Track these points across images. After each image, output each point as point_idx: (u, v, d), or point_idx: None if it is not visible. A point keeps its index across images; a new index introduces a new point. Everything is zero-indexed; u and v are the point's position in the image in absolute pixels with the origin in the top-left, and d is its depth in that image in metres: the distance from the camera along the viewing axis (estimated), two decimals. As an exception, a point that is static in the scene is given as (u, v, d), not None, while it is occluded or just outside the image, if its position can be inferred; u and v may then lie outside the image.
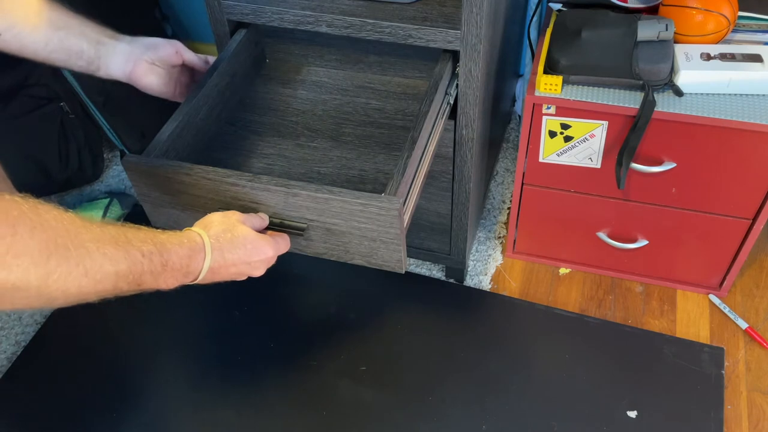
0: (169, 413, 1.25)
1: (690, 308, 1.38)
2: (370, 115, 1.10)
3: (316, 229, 0.86)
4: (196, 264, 0.76)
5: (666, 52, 1.10)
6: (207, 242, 0.77)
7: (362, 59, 1.18)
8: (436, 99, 0.97)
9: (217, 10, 1.12)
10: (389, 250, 0.86)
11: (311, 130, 1.09)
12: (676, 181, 1.20)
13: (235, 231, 0.80)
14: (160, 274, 0.71)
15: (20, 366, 1.33)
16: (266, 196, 0.84)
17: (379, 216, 0.81)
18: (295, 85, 1.17)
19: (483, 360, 1.29)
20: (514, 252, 1.47)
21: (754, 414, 1.21)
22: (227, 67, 1.06)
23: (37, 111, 1.52)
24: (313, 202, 0.82)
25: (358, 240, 0.86)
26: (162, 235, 0.73)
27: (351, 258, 0.89)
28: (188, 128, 0.98)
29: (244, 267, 0.81)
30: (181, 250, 0.73)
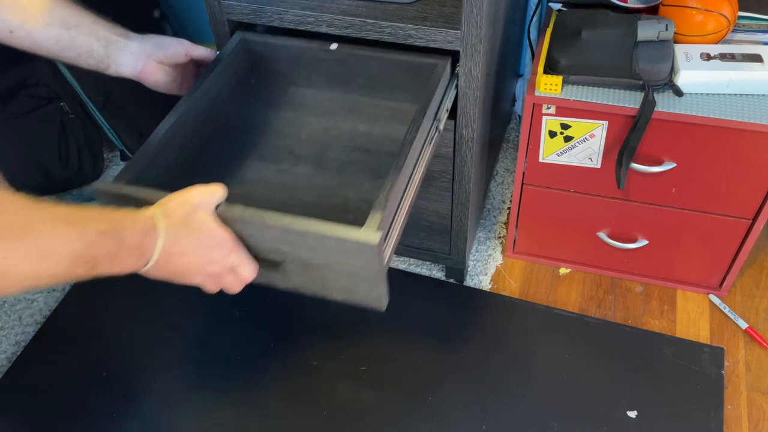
0: (169, 413, 1.25)
1: (690, 308, 1.38)
2: (357, 139, 1.06)
3: (292, 262, 0.81)
4: (149, 244, 0.71)
5: (666, 52, 1.10)
6: (160, 222, 0.73)
7: (350, 81, 1.11)
8: (423, 125, 0.93)
9: (217, 10, 1.12)
10: (369, 286, 0.80)
11: (294, 155, 1.04)
12: (676, 181, 1.20)
13: (193, 215, 0.75)
14: (116, 255, 0.68)
15: (20, 366, 1.33)
16: (240, 227, 0.79)
17: (357, 252, 0.75)
18: (280, 106, 1.13)
19: (483, 360, 1.29)
20: (514, 252, 1.47)
21: (754, 414, 1.21)
22: (209, 88, 1.02)
23: (37, 111, 1.52)
24: (288, 235, 0.77)
25: (336, 275, 0.80)
26: (116, 213, 0.70)
27: (329, 293, 0.84)
28: (164, 152, 0.93)
29: (199, 257, 0.75)
30: (135, 227, 0.70)
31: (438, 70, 1.01)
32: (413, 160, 0.90)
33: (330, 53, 1.08)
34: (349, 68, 1.10)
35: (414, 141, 0.89)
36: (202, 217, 0.75)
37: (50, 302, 1.44)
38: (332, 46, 1.08)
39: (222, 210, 0.78)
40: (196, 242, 0.75)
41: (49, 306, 1.43)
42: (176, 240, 0.73)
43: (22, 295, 1.46)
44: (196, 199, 0.76)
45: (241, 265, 0.79)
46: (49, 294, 1.46)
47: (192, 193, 0.77)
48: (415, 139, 0.89)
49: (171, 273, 0.76)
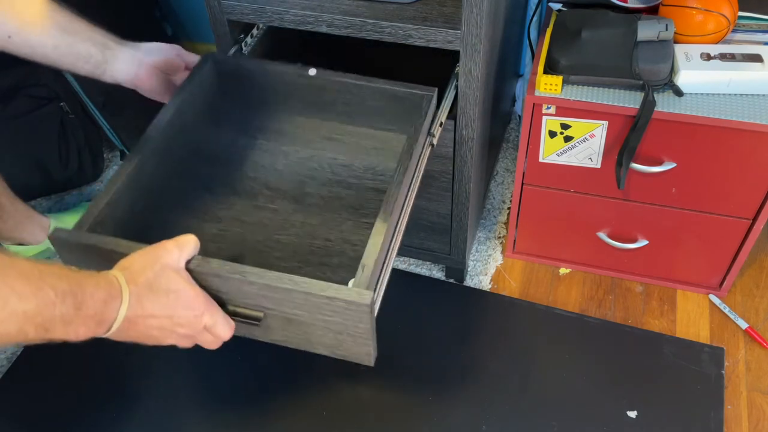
0: (169, 413, 1.25)
1: (690, 308, 1.38)
2: (337, 172, 1.00)
3: (275, 318, 0.76)
4: (111, 311, 0.66)
5: (666, 52, 1.10)
6: (124, 286, 0.67)
7: (329, 108, 1.04)
8: (411, 164, 0.87)
9: (217, 10, 1.12)
10: (357, 343, 0.76)
11: (271, 189, 0.98)
12: (676, 181, 1.20)
13: (161, 276, 0.69)
14: (72, 321, 0.63)
15: (20, 366, 1.33)
16: (217, 282, 0.73)
17: (346, 311, 0.71)
18: (252, 132, 1.05)
19: (483, 360, 1.29)
20: (514, 252, 1.47)
21: (754, 414, 1.21)
22: (175, 116, 0.95)
23: (37, 111, 1.52)
24: (271, 292, 0.72)
25: (322, 331, 0.76)
26: (77, 274, 0.64)
27: (314, 348, 0.80)
28: (130, 190, 0.87)
29: (166, 321, 0.70)
30: (96, 293, 0.64)
31: (424, 101, 0.95)
32: (400, 204, 0.86)
33: (309, 78, 1.03)
34: (329, 94, 1.03)
35: (401, 185, 0.84)
36: (170, 278, 0.70)
37: (50, 302, 1.44)
38: (311, 71, 1.02)
39: (196, 264, 0.73)
40: (164, 305, 0.69)
41: (49, 306, 1.43)
42: (141, 305, 0.68)
43: (22, 295, 1.46)
44: (164, 257, 0.70)
45: (215, 325, 0.75)
46: (49, 294, 1.46)
47: (159, 251, 0.71)
48: (402, 182, 0.84)
49: (137, 337, 0.72)
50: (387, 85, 1.00)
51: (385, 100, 1.01)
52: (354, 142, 1.05)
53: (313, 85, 1.03)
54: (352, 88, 1.02)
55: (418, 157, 0.93)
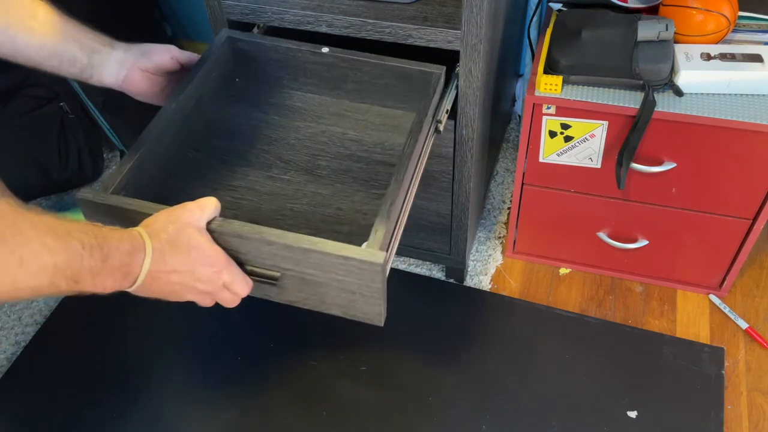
0: (169, 413, 1.25)
1: (690, 308, 1.38)
2: (347, 147, 1.03)
3: (291, 278, 0.80)
4: (135, 264, 0.69)
5: (666, 52, 1.10)
6: (147, 241, 0.71)
7: (339, 85, 1.08)
8: (420, 136, 0.91)
9: (217, 10, 1.12)
10: (368, 303, 0.79)
11: (284, 161, 1.02)
12: (676, 181, 1.20)
13: (182, 233, 0.73)
14: (99, 272, 0.66)
15: (20, 366, 1.33)
16: (238, 242, 0.77)
17: (360, 270, 0.75)
18: (267, 108, 1.10)
19: (483, 360, 1.29)
20: (514, 252, 1.47)
21: (754, 414, 1.21)
22: (191, 92, 0.99)
23: (37, 111, 1.52)
24: (289, 252, 0.75)
25: (336, 291, 0.79)
26: (103, 229, 0.68)
27: (327, 308, 0.83)
28: (150, 158, 0.91)
29: (187, 277, 0.73)
30: (121, 246, 0.68)
31: (433, 78, 0.99)
32: (411, 172, 0.89)
33: (321, 56, 1.06)
34: (340, 72, 1.07)
35: (412, 154, 0.88)
36: (191, 235, 0.73)
37: (50, 302, 1.44)
38: (323, 48, 1.06)
39: (217, 225, 0.76)
40: (185, 261, 0.73)
41: (49, 306, 1.43)
42: (163, 259, 0.71)
43: (22, 295, 1.46)
44: (185, 216, 0.74)
45: (234, 282, 0.78)
46: (49, 294, 1.46)
47: (181, 211, 0.75)
48: (413, 153, 0.88)
49: (160, 292, 0.75)
50: (396, 63, 1.03)
51: (394, 78, 1.04)
52: (364, 119, 1.08)
53: (325, 63, 1.07)
54: (363, 66, 1.05)
55: (426, 133, 0.96)
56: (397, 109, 1.09)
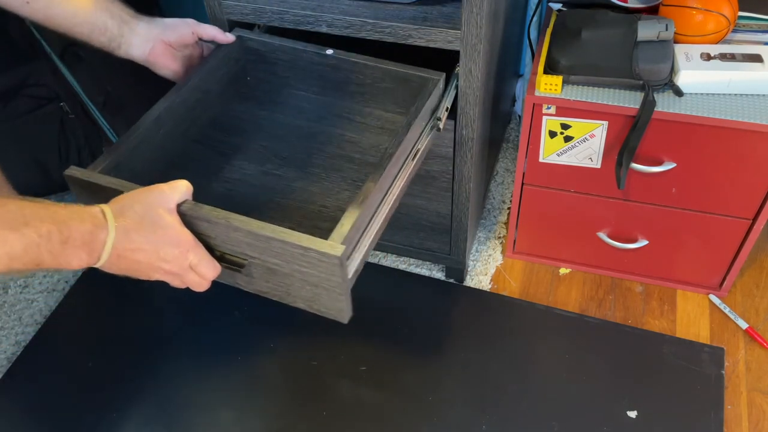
0: (169, 413, 1.25)
1: (690, 308, 1.38)
2: (344, 147, 1.05)
3: (258, 267, 0.80)
4: (98, 242, 0.71)
5: (666, 52, 1.10)
6: (110, 219, 0.72)
7: (344, 88, 1.11)
8: (407, 139, 0.91)
9: (217, 10, 1.12)
10: (331, 298, 0.80)
11: (280, 157, 1.04)
12: (676, 181, 1.20)
13: (150, 212, 0.74)
14: (60, 254, 0.68)
15: (20, 366, 1.33)
16: (206, 227, 0.78)
17: (320, 263, 0.75)
18: (272, 107, 1.12)
19: (483, 360, 1.29)
20: (514, 252, 1.47)
21: (754, 414, 1.21)
22: (200, 83, 1.02)
23: (37, 111, 1.52)
24: (254, 239, 0.77)
25: (300, 284, 0.80)
26: (63, 211, 0.69)
27: (293, 301, 0.84)
28: (146, 143, 0.93)
29: (153, 256, 0.74)
30: (82, 227, 0.69)
31: (430, 85, 1.00)
32: (391, 175, 0.89)
33: (325, 57, 1.08)
34: (344, 75, 1.09)
35: (393, 157, 0.87)
36: (159, 215, 0.74)
37: (50, 302, 1.44)
38: (328, 51, 1.07)
39: (187, 208, 0.77)
40: (151, 240, 0.73)
41: (49, 306, 1.43)
42: (128, 237, 0.72)
43: (22, 295, 1.46)
44: (155, 196, 0.75)
45: (200, 265, 0.78)
46: (49, 294, 1.46)
47: (151, 191, 0.76)
48: (394, 155, 0.88)
49: (127, 270, 0.76)
50: (397, 67, 1.04)
51: (395, 83, 1.05)
52: (364, 121, 1.09)
53: (330, 65, 1.08)
54: (365, 69, 1.06)
55: (417, 135, 0.97)
56: (397, 113, 1.09)
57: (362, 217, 0.81)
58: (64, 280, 1.48)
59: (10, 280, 1.49)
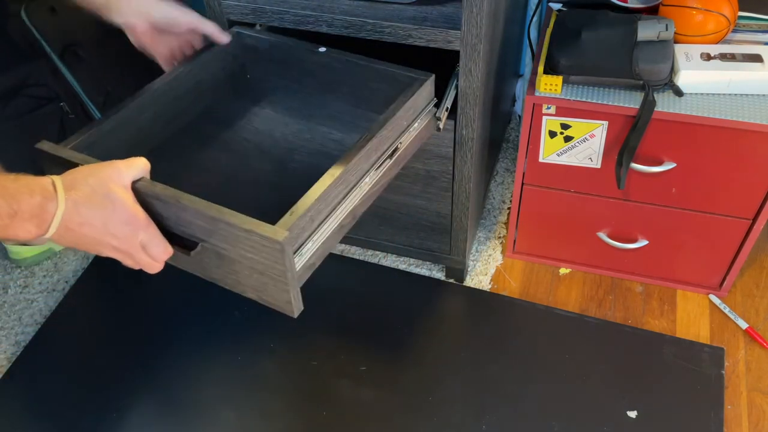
0: (169, 413, 1.25)
1: (690, 308, 1.38)
2: (327, 145, 1.05)
3: (207, 251, 0.79)
4: (47, 214, 0.70)
5: (666, 52, 1.10)
6: (60, 191, 0.71)
7: (337, 89, 1.10)
8: (381, 135, 0.90)
9: (217, 10, 1.12)
10: (278, 288, 0.78)
11: (261, 151, 1.04)
12: (676, 181, 1.20)
13: (102, 187, 0.73)
14: (8, 226, 0.68)
15: (20, 366, 1.33)
16: (159, 206, 0.77)
17: (263, 248, 0.74)
18: (265, 104, 1.13)
19: (483, 360, 1.29)
20: (514, 252, 1.47)
21: (754, 414, 1.21)
22: (191, 74, 1.03)
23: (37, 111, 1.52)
24: (201, 220, 0.76)
25: (248, 271, 0.79)
26: (12, 185, 0.69)
27: (243, 290, 0.82)
28: (125, 126, 0.93)
29: (101, 231, 0.73)
30: (32, 200, 0.69)
31: (416, 85, 0.98)
32: (360, 170, 0.88)
33: (318, 55, 1.07)
34: (337, 74, 1.09)
35: (362, 150, 0.86)
36: (111, 190, 0.73)
37: (50, 302, 1.44)
38: (320, 48, 1.07)
39: (141, 185, 0.76)
40: (100, 215, 0.72)
41: (49, 306, 1.43)
42: (77, 211, 0.71)
43: (22, 295, 1.46)
44: (109, 171, 0.74)
45: (150, 244, 0.77)
46: (49, 294, 1.46)
47: (106, 166, 0.75)
48: (363, 149, 0.86)
49: (75, 243, 0.74)
50: (388, 67, 1.03)
51: (386, 83, 1.05)
52: (353, 122, 1.09)
53: (323, 64, 1.08)
54: (356, 69, 1.06)
55: (397, 134, 0.96)
56: None
57: (316, 207, 0.80)
58: (64, 280, 1.48)
59: (10, 280, 1.49)
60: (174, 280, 1.42)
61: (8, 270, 1.52)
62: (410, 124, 0.99)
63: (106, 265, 1.48)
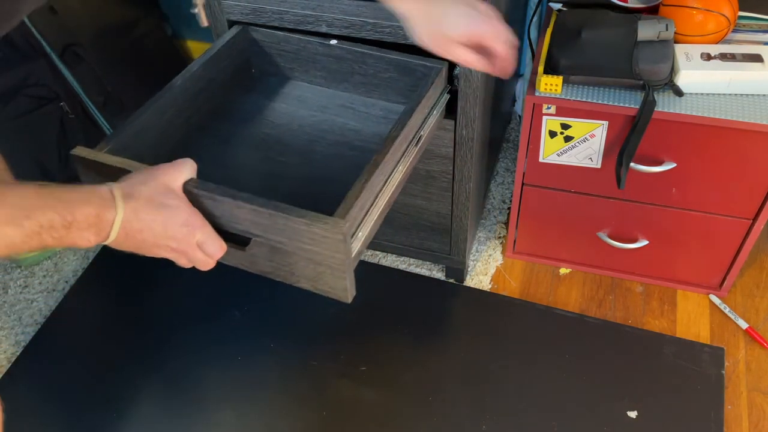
0: (169, 413, 1.25)
1: (690, 308, 1.38)
2: (346, 135, 1.06)
3: (261, 245, 0.81)
4: (105, 222, 0.71)
5: (666, 52, 1.10)
6: (119, 198, 0.72)
7: (348, 79, 1.12)
8: (409, 124, 0.92)
9: (217, 10, 1.12)
10: (335, 276, 0.80)
11: (282, 144, 1.05)
12: (676, 181, 1.20)
13: (157, 191, 0.74)
14: (65, 237, 0.68)
15: (20, 366, 1.33)
16: (211, 205, 0.79)
17: (324, 239, 0.75)
18: (276, 97, 1.14)
19: (483, 360, 1.29)
20: (514, 252, 1.47)
21: (754, 414, 1.21)
22: (202, 72, 1.03)
23: (37, 111, 1.52)
24: (258, 217, 0.77)
25: (304, 262, 0.80)
26: (68, 195, 0.70)
27: (297, 281, 0.84)
28: (150, 128, 0.94)
29: (160, 234, 0.74)
30: (87, 209, 0.69)
31: (433, 74, 1.01)
32: (393, 160, 0.90)
33: (329, 48, 1.08)
34: (348, 65, 1.10)
35: (396, 140, 0.88)
36: (166, 194, 0.74)
37: (50, 302, 1.44)
38: (332, 41, 1.08)
39: (192, 186, 0.77)
40: (158, 219, 0.73)
41: (49, 306, 1.43)
42: (137, 216, 0.72)
43: (22, 296, 1.46)
44: (161, 175, 0.76)
45: (207, 243, 0.77)
46: (49, 294, 1.46)
47: (157, 170, 0.76)
48: (397, 139, 0.89)
49: (133, 247, 0.75)
50: (399, 56, 1.05)
51: (398, 72, 1.06)
52: (367, 111, 1.11)
53: (333, 56, 1.09)
54: (368, 59, 1.07)
55: (420, 122, 0.98)
56: (401, 104, 1.10)
57: (365, 196, 0.82)
58: (64, 280, 1.48)
59: (10, 280, 1.49)
60: (174, 280, 1.42)
61: (8, 270, 1.52)
62: (430, 112, 1.01)
63: (106, 266, 1.48)
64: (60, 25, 1.49)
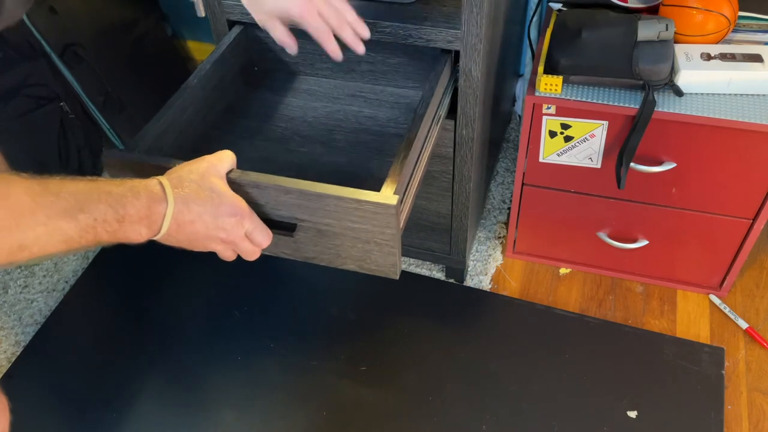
0: (169, 413, 1.25)
1: (690, 308, 1.38)
2: (362, 122, 1.08)
3: (307, 230, 0.81)
4: (157, 215, 0.71)
5: (666, 52, 1.10)
6: (169, 190, 0.72)
7: (353, 68, 1.13)
8: (432, 102, 0.95)
9: (217, 10, 1.12)
10: (383, 253, 0.81)
11: (301, 136, 1.06)
12: (676, 181, 1.20)
13: (205, 181, 0.75)
14: (117, 230, 0.69)
15: (20, 366, 1.33)
16: (256, 193, 0.79)
17: (374, 215, 0.76)
18: (284, 92, 1.15)
19: (483, 360, 1.29)
20: (514, 252, 1.47)
21: (754, 414, 1.21)
22: (213, 71, 1.04)
23: (37, 111, 1.52)
24: (305, 200, 0.78)
25: (351, 242, 0.81)
26: (118, 189, 0.70)
27: (343, 263, 0.85)
28: (172, 128, 0.95)
29: (212, 224, 0.74)
30: (138, 202, 0.70)
31: (443, 57, 1.02)
32: (423, 135, 0.92)
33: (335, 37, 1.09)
34: (352, 54, 1.10)
35: (424, 117, 0.90)
36: (214, 183, 0.75)
37: (50, 302, 1.44)
38: None
39: (236, 176, 0.78)
40: (208, 210, 0.74)
41: (49, 306, 1.43)
42: (188, 207, 0.73)
43: (22, 295, 1.46)
44: (205, 166, 0.76)
45: (254, 231, 0.78)
46: (49, 294, 1.46)
47: (201, 161, 0.77)
48: (424, 116, 0.90)
49: (184, 241, 0.76)
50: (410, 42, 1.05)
51: (407, 56, 1.08)
52: (377, 98, 1.13)
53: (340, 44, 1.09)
54: (375, 46, 1.07)
55: (438, 102, 0.99)
56: (409, 89, 1.12)
57: (406, 172, 0.83)
58: (64, 280, 1.48)
59: (10, 280, 1.49)
60: (174, 280, 1.42)
61: (8, 270, 1.52)
62: (444, 92, 1.03)
63: (106, 266, 1.48)
64: (60, 25, 1.49)
